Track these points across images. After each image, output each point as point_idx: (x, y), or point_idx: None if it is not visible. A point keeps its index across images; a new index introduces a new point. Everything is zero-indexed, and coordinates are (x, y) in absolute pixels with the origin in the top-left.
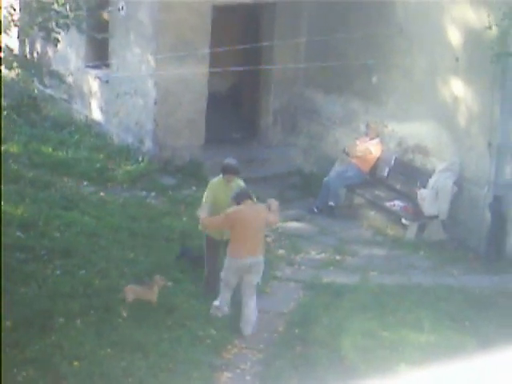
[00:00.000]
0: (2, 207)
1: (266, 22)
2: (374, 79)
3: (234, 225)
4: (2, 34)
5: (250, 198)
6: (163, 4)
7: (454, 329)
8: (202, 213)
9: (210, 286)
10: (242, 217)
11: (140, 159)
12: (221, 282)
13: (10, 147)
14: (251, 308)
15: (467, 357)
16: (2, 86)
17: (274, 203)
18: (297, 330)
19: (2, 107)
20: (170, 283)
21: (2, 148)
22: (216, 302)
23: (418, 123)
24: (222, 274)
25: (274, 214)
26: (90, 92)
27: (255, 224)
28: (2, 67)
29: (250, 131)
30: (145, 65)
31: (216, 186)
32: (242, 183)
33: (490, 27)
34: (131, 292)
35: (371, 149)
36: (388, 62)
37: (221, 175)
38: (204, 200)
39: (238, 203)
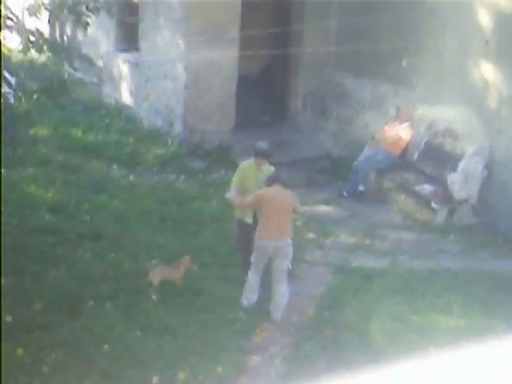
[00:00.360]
0: (33, 190)
1: (297, 5)
2: (404, 62)
3: (261, 206)
4: (33, 17)
5: (281, 182)
6: None
7: (483, 313)
8: (231, 192)
9: (246, 270)
10: (269, 199)
11: (170, 143)
12: (251, 266)
13: (40, 130)
14: (281, 293)
15: (496, 341)
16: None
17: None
18: (326, 314)
19: (33, 90)
20: (196, 267)
21: (32, 131)
22: (245, 287)
23: (447, 107)
24: (252, 257)
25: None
26: (120, 75)
27: (282, 207)
28: (33, 51)
29: (280, 115)
30: (174, 48)
31: (246, 169)
32: (272, 168)
33: None
34: (157, 272)
35: (401, 134)
36: (418, 46)
37: (252, 158)
38: (233, 181)
39: (268, 186)
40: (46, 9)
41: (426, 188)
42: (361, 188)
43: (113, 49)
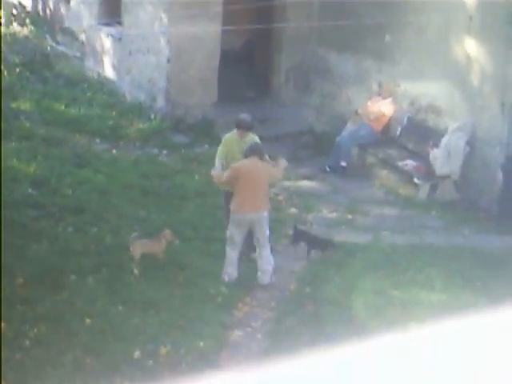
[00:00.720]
0: (15, 164)
1: None
2: (388, 38)
3: (237, 178)
4: None
5: (259, 155)
6: None
7: (464, 288)
8: (216, 168)
9: None
10: (244, 171)
11: (152, 117)
12: (227, 241)
13: (23, 104)
14: (265, 257)
15: (477, 316)
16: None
17: (282, 162)
18: (308, 289)
19: (15, 64)
20: (178, 241)
21: (14, 105)
22: (225, 263)
23: (430, 83)
24: (228, 232)
25: (279, 169)
26: (103, 49)
27: (257, 179)
28: (15, 24)
29: (263, 90)
30: (157, 22)
31: (229, 142)
32: (256, 139)
33: None
34: (138, 245)
35: (384, 110)
36: (401, 21)
37: (234, 130)
38: (217, 154)
39: (246, 157)
40: None
41: (409, 163)
42: (343, 163)
43: (95, 23)
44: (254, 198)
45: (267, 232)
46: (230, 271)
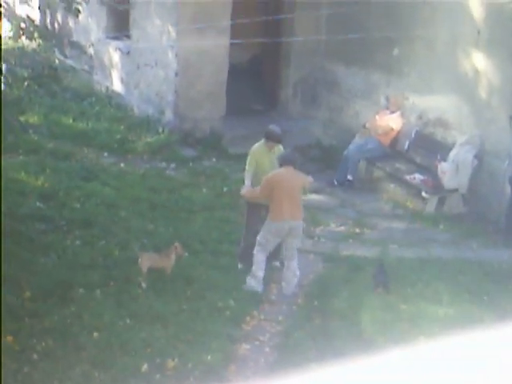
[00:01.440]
0: (23, 177)
1: None
2: (396, 51)
3: (273, 188)
4: (24, 4)
5: (294, 164)
6: None
7: (472, 302)
8: (246, 180)
9: (246, 249)
10: (280, 179)
11: (160, 131)
12: (258, 247)
13: (31, 118)
14: (293, 270)
15: (485, 330)
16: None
17: (309, 178)
18: (316, 302)
19: (23, 78)
20: (186, 254)
21: (22, 118)
22: (252, 269)
23: (439, 96)
24: (260, 237)
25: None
26: (111, 63)
27: (292, 188)
28: (23, 38)
29: (270, 103)
30: (166, 36)
31: (258, 154)
32: (282, 148)
33: (511, 1)
34: (147, 259)
35: (392, 124)
36: (410, 35)
37: (262, 141)
38: (247, 167)
39: (280, 166)
40: None
41: (417, 177)
42: (349, 177)
43: (104, 36)
44: (292, 206)
45: (300, 242)
46: (260, 276)
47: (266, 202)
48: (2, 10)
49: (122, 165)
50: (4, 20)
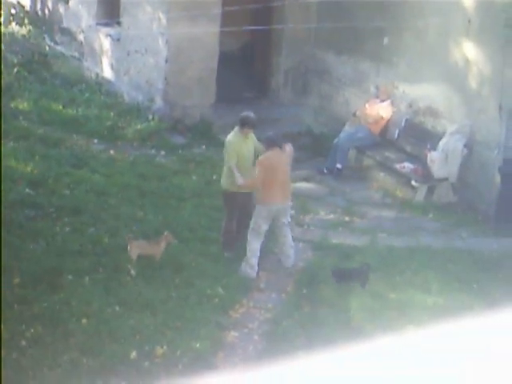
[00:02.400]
0: (12, 164)
1: None
2: (386, 40)
3: (265, 171)
4: None
5: (280, 145)
6: None
7: (461, 291)
8: (239, 176)
9: (229, 238)
10: (270, 163)
11: (150, 118)
12: (250, 232)
13: (20, 104)
14: (289, 244)
15: (474, 319)
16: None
17: (288, 147)
18: (305, 290)
19: (13, 64)
20: (176, 241)
21: (12, 105)
22: (247, 255)
23: (429, 85)
24: (252, 223)
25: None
26: (101, 50)
27: (282, 169)
28: (13, 23)
29: (261, 91)
30: (156, 23)
31: (236, 142)
32: (254, 137)
33: None
34: (136, 246)
35: (382, 113)
36: (400, 24)
37: (235, 130)
38: (229, 159)
39: (267, 149)
40: None
41: (406, 166)
42: (338, 166)
43: (94, 23)
44: (281, 189)
45: (289, 219)
46: (254, 262)
47: (239, 190)
48: None
49: (112, 152)
50: None
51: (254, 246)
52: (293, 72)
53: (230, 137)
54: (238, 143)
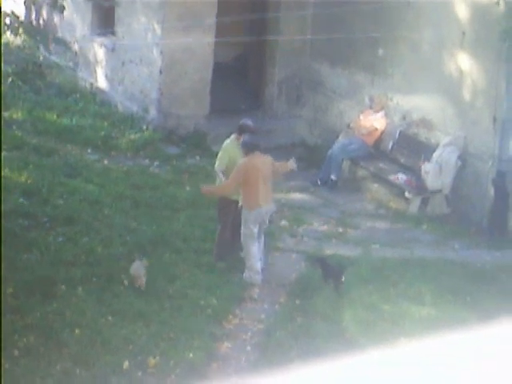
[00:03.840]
0: (6, 173)
1: None
2: (380, 52)
3: (246, 176)
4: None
5: (259, 149)
6: None
7: (454, 303)
8: (222, 176)
9: (223, 247)
10: (251, 167)
11: (144, 128)
12: (245, 239)
13: (14, 113)
14: (262, 246)
15: (467, 331)
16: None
17: (292, 163)
18: (298, 302)
19: (8, 73)
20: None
21: (6, 114)
22: (249, 263)
23: (423, 97)
24: (243, 230)
25: (285, 166)
26: (96, 60)
27: (266, 173)
28: (8, 33)
29: (255, 102)
30: (151, 33)
31: (231, 149)
32: None
33: (497, 3)
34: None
35: (376, 124)
36: (394, 35)
37: (231, 137)
38: (220, 162)
39: (247, 154)
40: None
41: (400, 177)
42: (333, 177)
43: (89, 33)
44: (265, 192)
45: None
46: (258, 267)
47: (237, 197)
48: None
49: (106, 162)
50: None
51: (252, 250)
52: (287, 83)
53: (226, 143)
54: (233, 150)
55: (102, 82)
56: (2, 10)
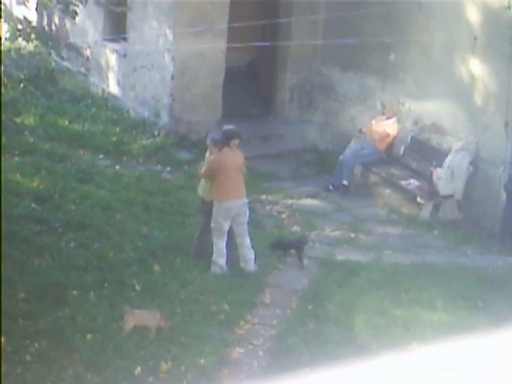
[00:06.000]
0: (18, 179)
1: None
2: (392, 57)
3: (217, 170)
4: (21, 5)
5: (227, 144)
6: None
7: (466, 308)
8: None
9: (201, 245)
10: (222, 161)
11: (156, 133)
12: (213, 232)
13: (27, 119)
14: (247, 246)
15: (479, 336)
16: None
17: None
18: (310, 307)
19: (20, 79)
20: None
21: (18, 120)
22: (214, 257)
23: (434, 102)
24: (213, 223)
25: None
26: (108, 65)
27: (236, 167)
28: (20, 39)
29: (267, 107)
30: (162, 39)
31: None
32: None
33: (508, 7)
34: (131, 317)
35: (388, 130)
36: (406, 40)
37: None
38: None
39: (219, 149)
40: None
41: (412, 183)
42: (344, 182)
43: (101, 38)
44: (236, 186)
45: (247, 220)
46: (222, 262)
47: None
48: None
49: (118, 167)
50: (1, 21)
51: (218, 245)
52: (298, 88)
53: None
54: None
55: (113, 88)
56: (15, 15)
